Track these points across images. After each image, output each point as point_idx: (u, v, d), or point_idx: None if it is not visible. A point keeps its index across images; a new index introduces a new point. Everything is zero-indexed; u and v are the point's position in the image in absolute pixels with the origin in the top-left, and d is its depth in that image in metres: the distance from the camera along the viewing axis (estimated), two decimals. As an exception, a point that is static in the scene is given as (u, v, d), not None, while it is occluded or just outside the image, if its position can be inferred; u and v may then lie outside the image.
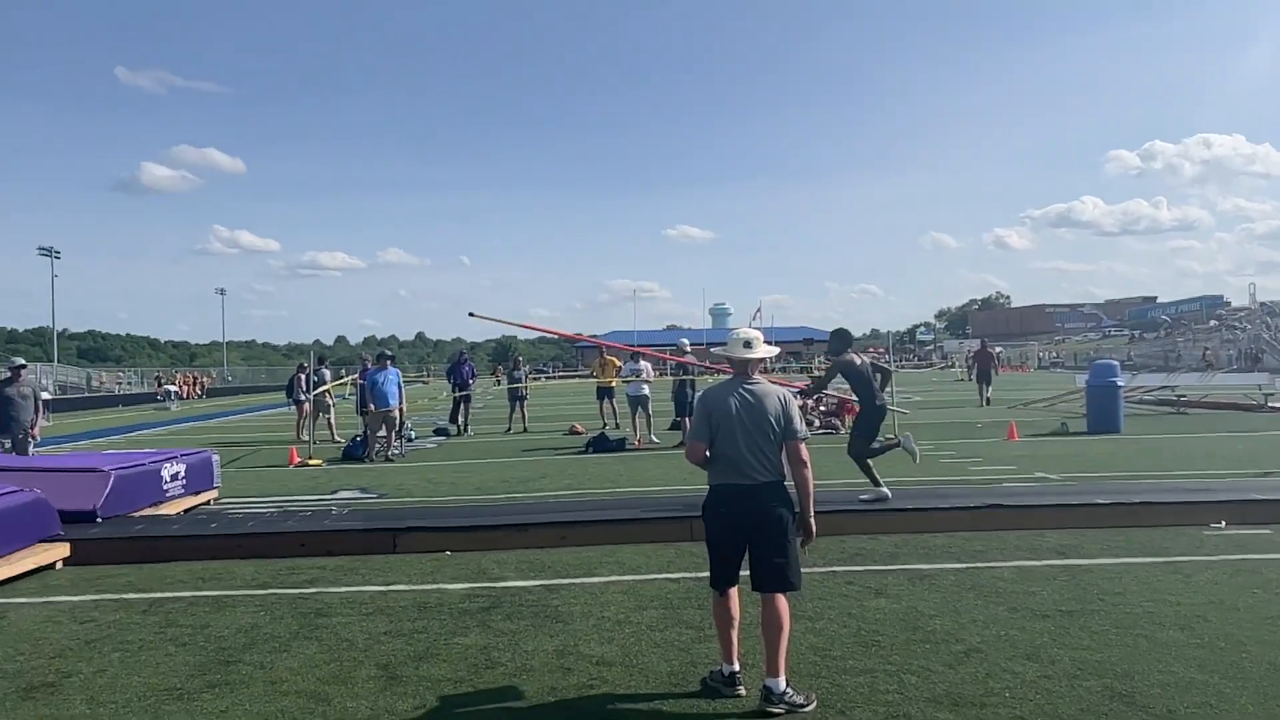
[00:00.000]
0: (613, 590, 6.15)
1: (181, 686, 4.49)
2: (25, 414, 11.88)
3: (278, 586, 6.52)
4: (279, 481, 12.82)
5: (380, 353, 16.65)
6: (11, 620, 5.74)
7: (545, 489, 11.22)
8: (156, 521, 8.49)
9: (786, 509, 4.30)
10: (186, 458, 10.26)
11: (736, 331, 4.63)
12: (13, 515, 6.87)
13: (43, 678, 4.63)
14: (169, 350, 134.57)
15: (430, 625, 5.49)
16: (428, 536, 7.66)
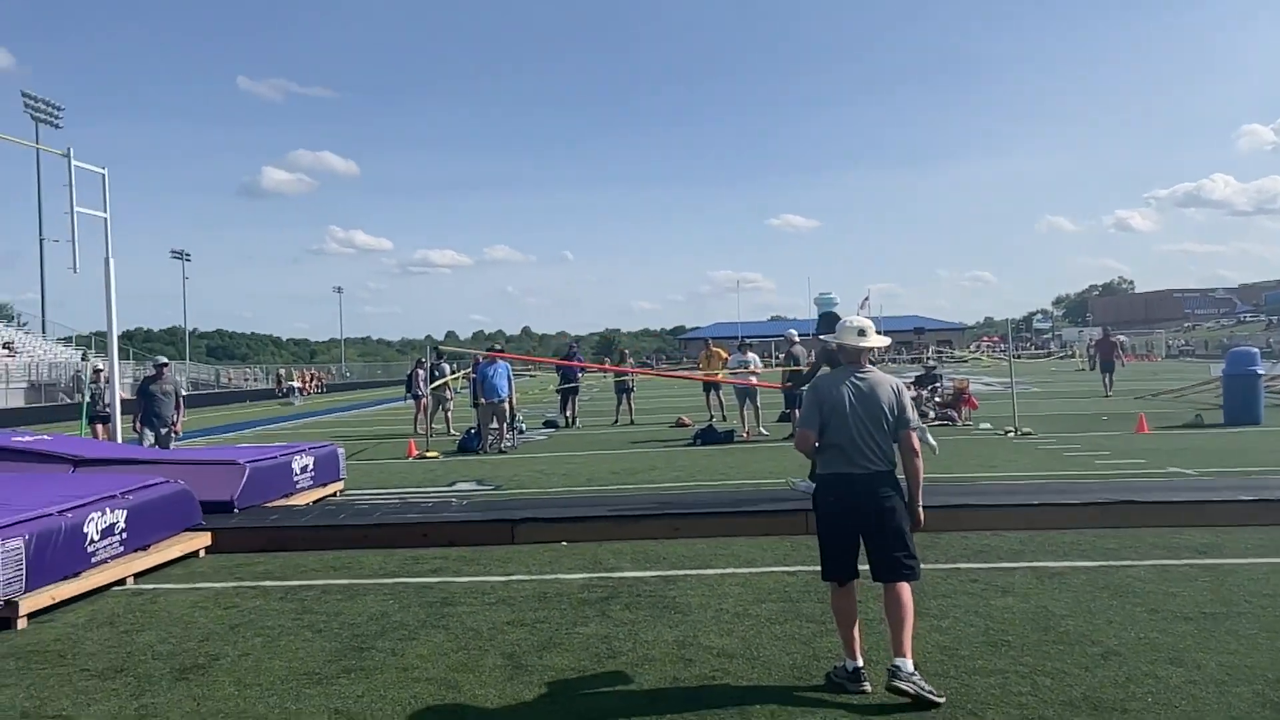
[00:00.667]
0: (729, 583, 6.14)
1: (319, 671, 4.67)
2: (168, 410, 12.58)
3: (404, 576, 6.74)
4: (399, 474, 13.23)
5: (491, 347, 17.04)
6: (162, 605, 6.08)
7: (655, 481, 11.29)
8: (288, 512, 8.86)
9: (900, 498, 4.30)
10: (314, 451, 10.68)
11: (848, 320, 4.57)
12: (161, 505, 7.28)
13: (193, 660, 4.89)
14: (290, 348, 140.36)
15: (551, 615, 5.58)
16: (544, 527, 7.79)
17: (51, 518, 6.01)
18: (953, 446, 13.69)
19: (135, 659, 4.92)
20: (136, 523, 6.84)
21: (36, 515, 5.94)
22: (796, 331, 16.51)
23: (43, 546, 5.77)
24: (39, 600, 5.71)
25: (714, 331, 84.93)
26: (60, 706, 4.24)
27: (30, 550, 5.64)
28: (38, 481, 7.61)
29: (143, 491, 7.16)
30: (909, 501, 4.33)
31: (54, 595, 5.85)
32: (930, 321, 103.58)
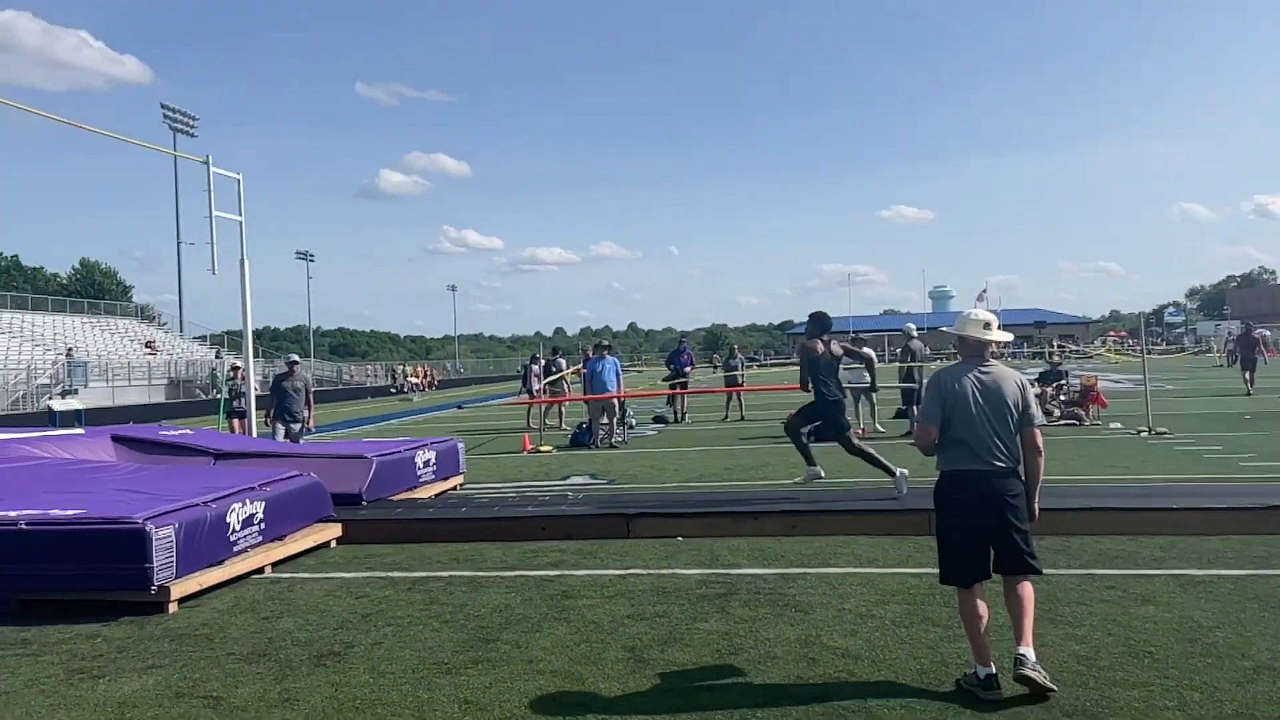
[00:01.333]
0: (851, 582, 6.04)
1: (448, 661, 4.80)
2: (299, 405, 13.13)
3: (524, 568, 6.86)
4: (515, 467, 13.50)
5: (598, 343, 17.22)
6: (299, 593, 6.35)
7: (769, 477, 11.20)
8: (413, 505, 9.14)
9: (1023, 495, 4.23)
10: (436, 445, 10.98)
11: (972, 312, 4.46)
12: (296, 498, 7.61)
13: (329, 647, 5.09)
14: (407, 344, 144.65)
15: (670, 610, 5.60)
16: (660, 522, 7.82)
17: (198, 508, 6.35)
18: (1081, 447, 13.15)
19: (276, 644, 5.15)
20: (274, 514, 7.16)
21: (185, 505, 6.29)
22: (914, 326, 16.11)
23: (191, 535, 6.09)
24: (188, 586, 6.04)
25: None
26: (210, 688, 4.46)
27: (180, 538, 5.97)
28: (183, 473, 8.05)
29: (279, 484, 7.50)
30: (1025, 498, 4.25)
31: (201, 582, 6.18)
32: (1052, 315, 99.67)
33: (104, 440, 9.63)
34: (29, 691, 4.47)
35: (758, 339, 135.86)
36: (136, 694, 4.40)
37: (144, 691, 4.43)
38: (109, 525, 5.81)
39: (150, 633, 5.43)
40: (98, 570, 5.76)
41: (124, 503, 6.34)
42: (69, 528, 5.87)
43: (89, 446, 9.32)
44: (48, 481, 7.46)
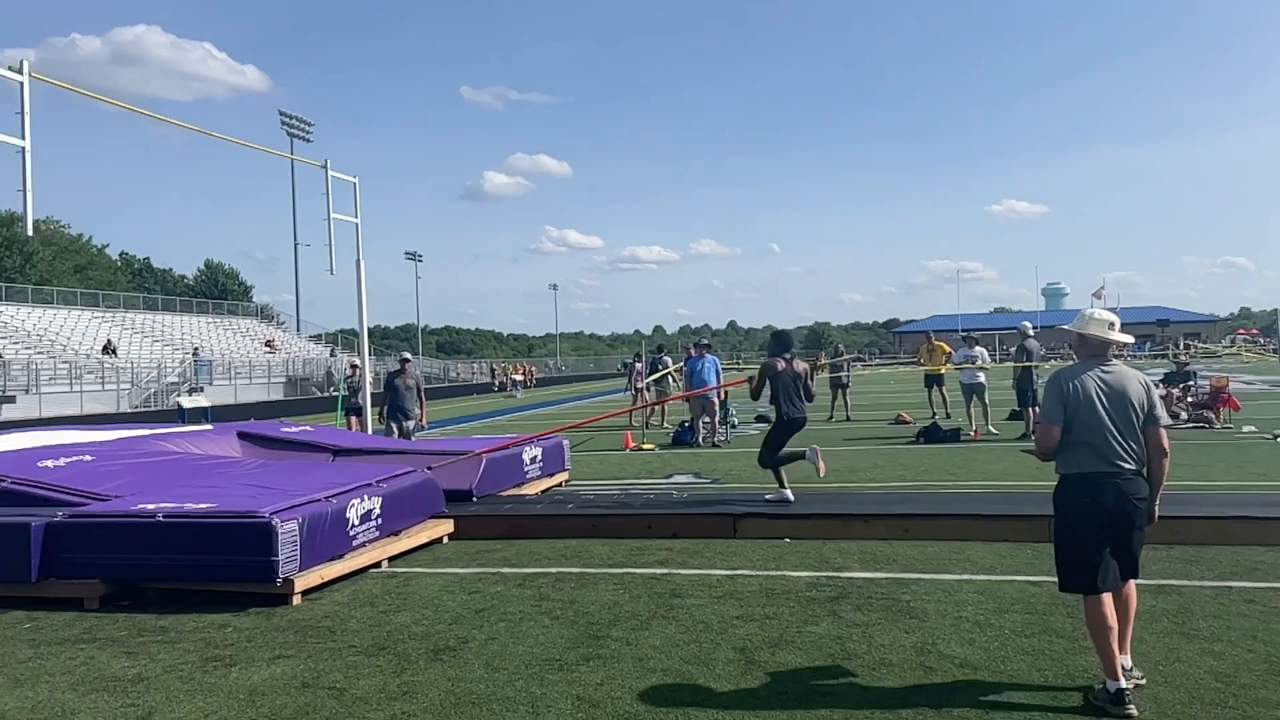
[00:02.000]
0: (967, 589, 5.87)
1: (560, 658, 4.85)
2: (411, 403, 13.49)
3: (632, 566, 6.89)
4: (618, 465, 13.57)
5: (698, 341, 17.18)
6: (414, 587, 6.52)
7: (877, 479, 10.98)
8: (521, 501, 9.29)
9: (1146, 499, 4.11)
10: (542, 442, 11.13)
11: (1095, 311, 4.33)
12: (412, 494, 7.81)
13: (445, 642, 5.20)
14: (510, 342, 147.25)
15: (780, 612, 5.54)
16: (767, 522, 7.75)
17: (320, 503, 6.58)
18: (1213, 451, 12.49)
19: (394, 638, 5.29)
20: (390, 509, 7.37)
21: (307, 500, 6.53)
22: (1030, 324, 15.56)
23: (313, 529, 6.32)
24: (310, 579, 6.26)
25: (932, 324, 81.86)
26: (334, 679, 4.62)
27: (303, 532, 6.19)
28: (305, 469, 8.37)
29: (395, 480, 7.71)
30: (1146, 500, 4.13)
31: (322, 575, 6.40)
32: (1175, 313, 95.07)
33: (230, 436, 10.08)
34: (168, 677, 4.70)
35: (862, 337, 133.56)
36: (265, 682, 4.58)
37: (272, 680, 4.61)
38: (238, 519, 6.08)
39: (276, 624, 5.65)
40: (227, 562, 6.03)
41: (251, 497, 6.61)
42: (201, 520, 6.15)
43: (217, 442, 9.77)
44: (182, 476, 7.85)
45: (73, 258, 70.70)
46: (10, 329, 37.99)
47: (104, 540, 6.18)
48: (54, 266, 65.50)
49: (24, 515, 6.37)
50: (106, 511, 6.45)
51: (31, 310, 42.57)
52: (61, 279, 60.93)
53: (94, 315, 45.29)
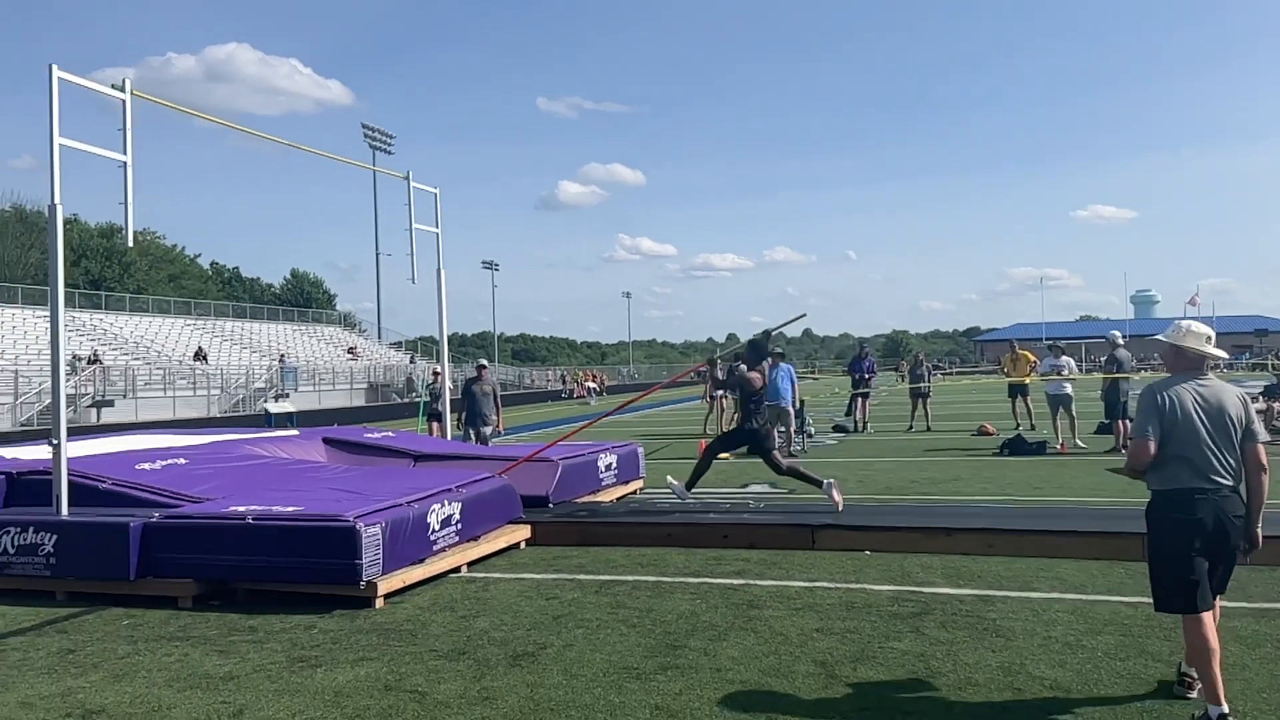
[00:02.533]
0: (1056, 608, 5.68)
1: (638, 666, 4.84)
2: (488, 408, 13.67)
3: (708, 576, 6.85)
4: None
5: (771, 349, 17.01)
6: (493, 593, 6.58)
7: (960, 492, 10.73)
8: (597, 509, 9.31)
9: (1243, 517, 4.00)
10: (616, 449, 11.16)
11: (1191, 323, 4.23)
12: (489, 499, 7.90)
13: (524, 647, 5.24)
14: (584, 350, 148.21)
15: (861, 626, 5.44)
16: (846, 534, 7.63)
17: (401, 508, 6.70)
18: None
19: (474, 643, 5.34)
20: (469, 515, 7.46)
21: (390, 505, 6.65)
22: (1119, 333, 15.05)
23: (396, 533, 6.43)
24: (392, 583, 6.37)
25: (1015, 332, 79.87)
26: (415, 683, 4.68)
27: (386, 536, 6.31)
28: (387, 474, 8.53)
29: (474, 485, 7.81)
30: (1247, 521, 4.03)
31: (404, 579, 6.50)
32: (1275, 322, 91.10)
33: (316, 441, 10.34)
34: (257, 676, 4.83)
35: (942, 346, 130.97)
36: (350, 684, 4.67)
37: (356, 682, 4.70)
38: (323, 522, 6.22)
39: (360, 626, 5.76)
40: (313, 564, 6.17)
41: (336, 501, 6.77)
42: (288, 523, 6.31)
43: (303, 447, 10.03)
44: (270, 480, 8.07)
45: (167, 267, 73.52)
46: (110, 336, 39.66)
47: (197, 541, 6.39)
48: (150, 276, 68.21)
49: (123, 516, 6.62)
50: (199, 513, 6.66)
51: (129, 318, 44.39)
52: (157, 288, 63.43)
53: (186, 323, 47.00)
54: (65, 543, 6.54)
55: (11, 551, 6.62)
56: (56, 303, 7.09)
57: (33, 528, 6.62)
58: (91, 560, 6.46)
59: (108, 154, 7.35)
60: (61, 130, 6.97)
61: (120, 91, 7.52)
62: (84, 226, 64.10)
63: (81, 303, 43.99)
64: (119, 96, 7.51)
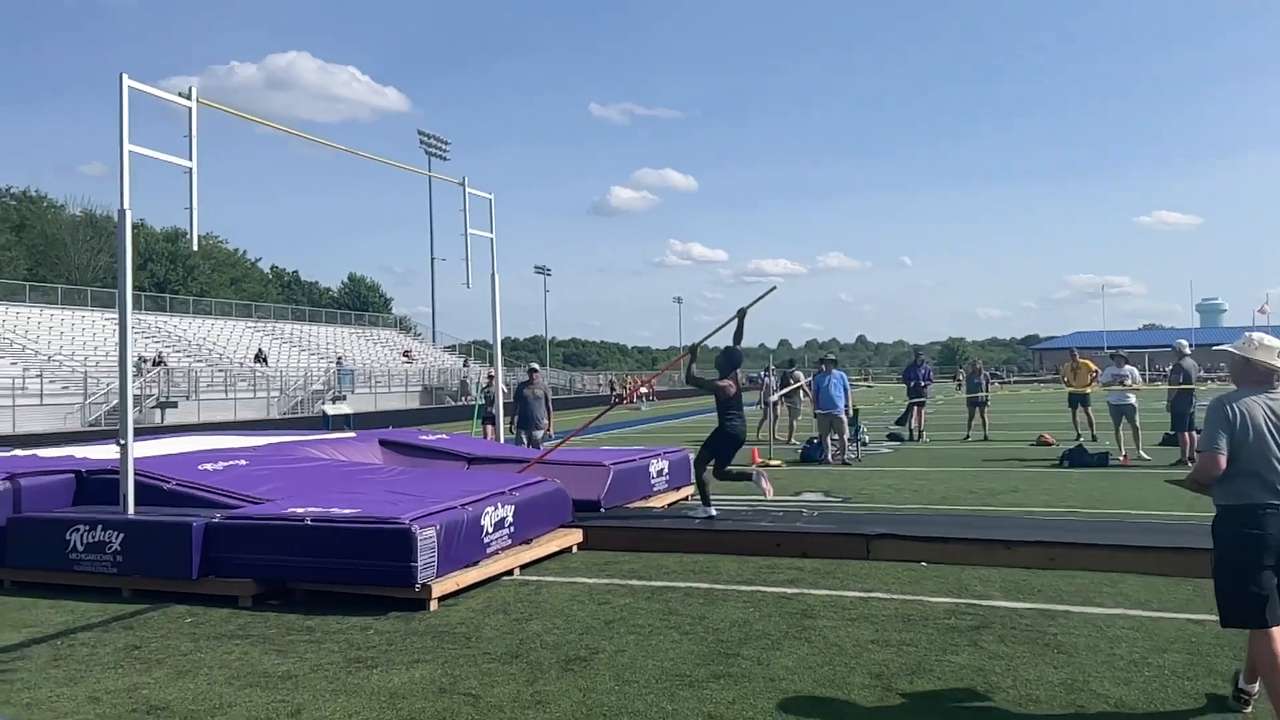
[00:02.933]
0: (1121, 624, 5.53)
1: (690, 674, 4.81)
2: (539, 412, 13.74)
3: (761, 584, 6.79)
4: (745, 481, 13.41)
5: (823, 356, 16.89)
6: (545, 597, 6.60)
7: (1019, 504, 10.52)
8: (648, 514, 9.31)
9: None
10: (668, 455, 11.15)
11: (1263, 336, 4.15)
12: (542, 503, 7.93)
13: (576, 651, 5.24)
14: (634, 355, 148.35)
15: (918, 638, 5.35)
16: (902, 545, 7.52)
17: (456, 510, 6.75)
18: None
19: (527, 646, 5.36)
20: (522, 518, 7.49)
21: (445, 507, 6.70)
22: (1187, 342, 14.65)
23: (450, 536, 6.48)
24: (446, 585, 6.41)
25: (1075, 341, 78.30)
26: (469, 686, 4.71)
27: (441, 539, 6.36)
28: (442, 476, 8.61)
29: (527, 489, 7.85)
30: None
31: (458, 581, 6.55)
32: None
33: (373, 443, 10.48)
34: (314, 676, 4.89)
35: (998, 354, 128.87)
36: (405, 686, 4.71)
37: (411, 684, 4.74)
38: (380, 524, 6.29)
39: (415, 628, 5.81)
40: (369, 566, 6.24)
41: (392, 503, 6.84)
42: (345, 525, 6.40)
43: (360, 449, 10.17)
44: (328, 481, 8.19)
45: (229, 271, 75.21)
46: (174, 338, 40.69)
47: (257, 541, 6.50)
48: (212, 279, 69.83)
49: (186, 515, 6.77)
50: (259, 514, 6.78)
51: (192, 320, 45.50)
52: (219, 291, 64.92)
53: (247, 325, 48.04)
54: (131, 541, 6.70)
55: (81, 549, 6.81)
56: (125, 306, 7.27)
57: (101, 526, 6.80)
58: (156, 558, 6.61)
59: (174, 160, 7.52)
60: (130, 137, 7.16)
61: (186, 99, 7.70)
62: (150, 231, 65.85)
63: (147, 305, 45.22)
64: (185, 104, 7.69)
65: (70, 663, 5.17)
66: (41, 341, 34.62)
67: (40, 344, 34.24)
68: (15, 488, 7.29)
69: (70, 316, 39.77)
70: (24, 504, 7.27)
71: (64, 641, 5.60)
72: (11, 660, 5.22)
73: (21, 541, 7.01)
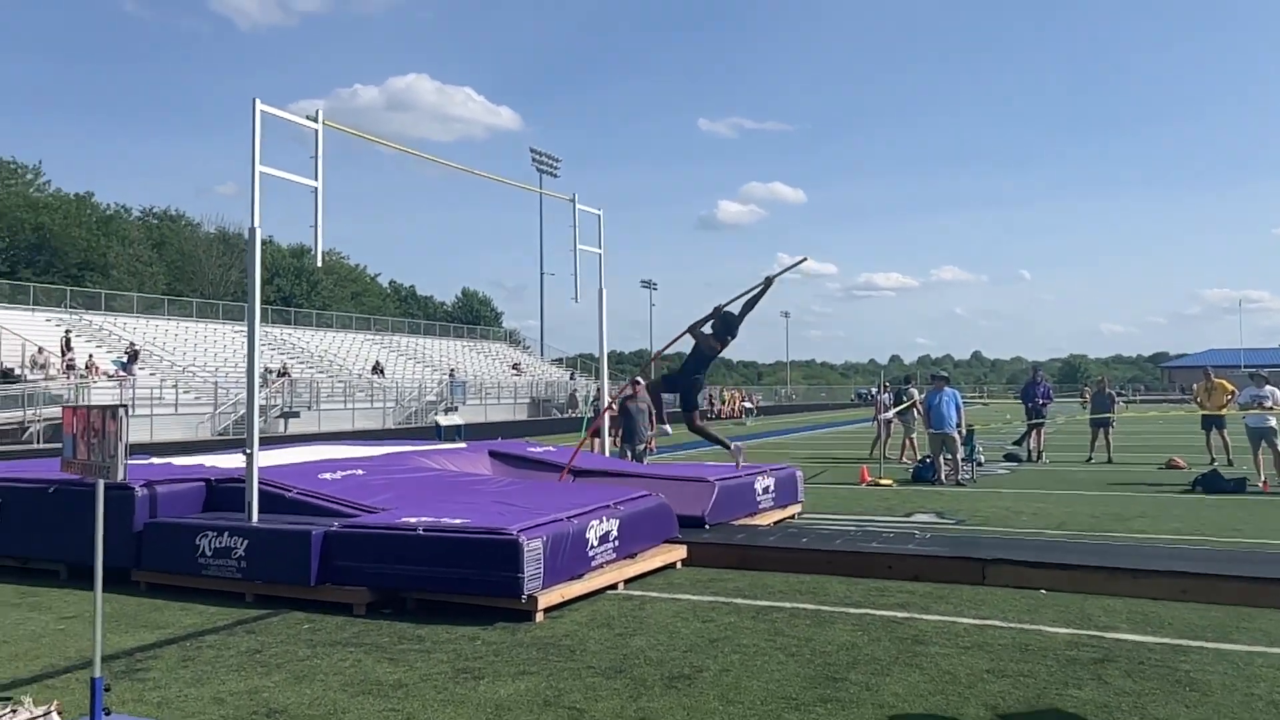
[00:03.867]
0: (1259, 663, 5.19)
1: (796, 697, 4.72)
2: (643, 426, 13.77)
3: (870, 607, 6.63)
4: (853, 500, 13.18)
5: (935, 373, 16.44)
6: (649, 612, 6.59)
7: (1146, 530, 10.01)
8: (754, 532, 9.20)
9: None
10: (775, 472, 11.01)
11: None
12: (646, 517, 7.94)
13: (680, 669, 5.20)
14: (740, 370, 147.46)
15: (1036, 670, 5.13)
16: (1020, 571, 7.24)
17: (562, 522, 6.81)
18: None
19: (630, 661, 5.35)
20: (626, 532, 7.51)
21: (551, 520, 6.77)
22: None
23: (556, 548, 6.54)
24: (552, 597, 6.47)
25: (1209, 359, 74.27)
26: (573, 699, 4.72)
27: (547, 550, 6.42)
28: (548, 488, 8.71)
29: (631, 503, 7.86)
30: None
31: (563, 594, 6.60)
32: None
33: (482, 455, 10.69)
34: (424, 685, 4.99)
35: (1124, 371, 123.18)
36: (511, 698, 4.76)
37: (517, 696, 4.78)
38: (488, 535, 6.39)
39: (520, 639, 5.88)
40: (477, 576, 6.35)
41: (500, 514, 6.95)
42: (455, 535, 6.52)
43: (470, 460, 10.38)
44: (439, 491, 8.39)
45: (350, 285, 78.24)
46: (298, 350, 42.47)
47: (371, 550, 6.69)
48: (334, 293, 72.75)
49: (306, 523, 7.02)
50: (374, 523, 6.98)
51: (315, 333, 47.40)
52: (340, 305, 67.56)
53: (366, 338, 49.78)
54: (255, 547, 6.98)
55: (209, 554, 7.13)
56: (254, 321, 7.61)
57: (227, 532, 7.11)
58: (277, 565, 6.87)
59: (301, 180, 7.86)
60: (261, 158, 7.51)
61: (313, 121, 8.05)
62: (277, 247, 69.05)
63: (273, 319, 47.30)
64: (312, 126, 8.03)
65: (197, 664, 5.41)
66: (177, 353, 36.62)
67: (176, 356, 36.22)
68: (151, 494, 7.69)
69: (204, 329, 41.94)
70: (159, 510, 7.66)
71: (192, 643, 5.86)
72: (146, 660, 5.49)
73: (156, 546, 7.39)
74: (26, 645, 5.84)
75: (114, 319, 38.70)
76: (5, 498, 8.11)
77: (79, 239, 59.62)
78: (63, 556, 7.82)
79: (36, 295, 38.13)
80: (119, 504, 7.38)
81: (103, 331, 36.19)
